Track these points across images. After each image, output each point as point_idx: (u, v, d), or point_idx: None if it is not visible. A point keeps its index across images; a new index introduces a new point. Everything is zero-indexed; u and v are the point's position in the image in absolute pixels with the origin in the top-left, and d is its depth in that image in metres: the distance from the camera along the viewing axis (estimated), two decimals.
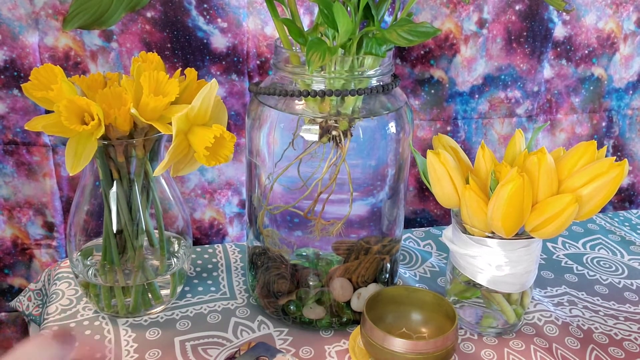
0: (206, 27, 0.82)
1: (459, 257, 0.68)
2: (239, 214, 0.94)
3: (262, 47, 0.84)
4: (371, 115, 0.64)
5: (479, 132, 0.98)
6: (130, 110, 0.59)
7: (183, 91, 0.63)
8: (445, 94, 0.93)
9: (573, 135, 1.02)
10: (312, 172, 0.63)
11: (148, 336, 0.68)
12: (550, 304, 0.76)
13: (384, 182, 0.68)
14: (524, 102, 0.97)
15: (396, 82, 0.65)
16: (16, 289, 0.91)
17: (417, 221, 1.02)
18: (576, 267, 0.85)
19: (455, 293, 0.72)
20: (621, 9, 0.94)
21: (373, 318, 0.62)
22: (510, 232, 0.62)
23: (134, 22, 0.80)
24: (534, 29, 0.92)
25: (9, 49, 0.78)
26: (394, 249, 0.73)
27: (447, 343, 0.60)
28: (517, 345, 0.68)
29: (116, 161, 0.64)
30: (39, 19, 0.78)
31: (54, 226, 0.88)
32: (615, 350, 0.68)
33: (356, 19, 0.59)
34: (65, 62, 0.80)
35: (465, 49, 0.91)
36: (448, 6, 0.88)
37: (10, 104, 0.81)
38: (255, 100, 0.66)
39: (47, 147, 0.84)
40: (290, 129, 0.63)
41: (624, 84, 1.00)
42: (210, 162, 0.59)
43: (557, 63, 0.96)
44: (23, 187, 0.86)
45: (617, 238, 0.94)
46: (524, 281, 0.67)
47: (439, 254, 0.88)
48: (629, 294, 0.79)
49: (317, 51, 0.55)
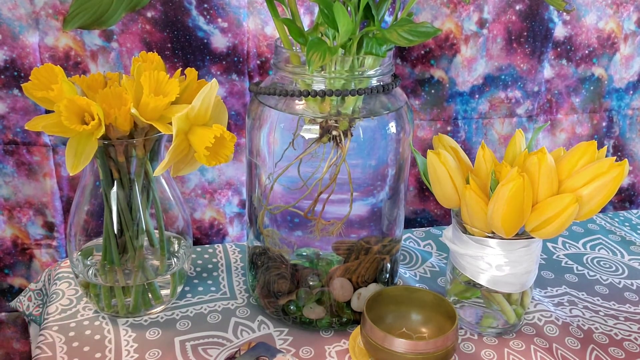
0: (206, 27, 0.82)
1: (459, 257, 0.68)
2: (239, 214, 0.94)
3: (263, 47, 0.85)
4: (371, 115, 0.64)
5: (479, 132, 0.98)
6: (130, 110, 0.59)
7: (183, 91, 0.63)
8: (445, 94, 0.93)
9: (573, 136, 1.02)
10: (313, 172, 0.63)
11: (148, 336, 0.68)
12: (550, 304, 0.76)
13: (384, 182, 0.68)
14: (524, 102, 0.97)
15: (396, 82, 0.65)
16: (16, 289, 0.91)
17: (417, 221, 1.02)
18: (576, 267, 0.85)
19: (455, 293, 0.72)
20: (621, 9, 0.94)
21: (373, 318, 0.62)
22: (510, 232, 0.62)
23: (134, 22, 0.80)
24: (535, 29, 0.92)
25: (9, 48, 0.78)
26: (394, 249, 0.73)
27: (447, 343, 0.60)
28: (517, 345, 0.68)
29: (116, 161, 0.64)
30: (39, 18, 0.78)
31: (54, 226, 0.88)
32: (616, 351, 0.68)
33: (356, 19, 0.59)
34: (65, 62, 0.80)
35: (466, 49, 0.91)
36: (448, 6, 0.88)
37: (11, 104, 0.81)
38: (255, 100, 0.66)
39: (47, 147, 0.84)
40: (290, 128, 0.63)
41: (624, 84, 1.00)
42: (211, 162, 0.59)
43: (557, 63, 0.96)
44: (23, 187, 0.86)
45: (617, 238, 0.94)
46: (524, 281, 0.67)
47: (439, 254, 0.88)
48: (629, 294, 0.79)
49: (317, 51, 0.55)
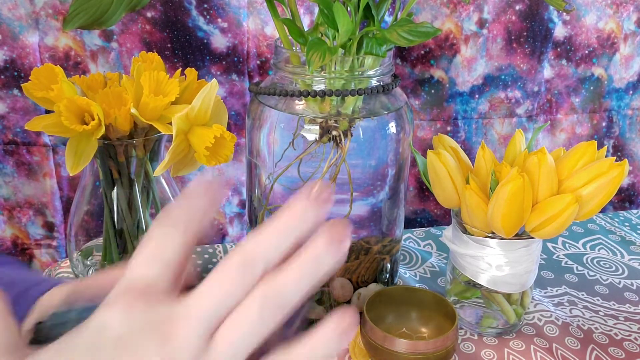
0: (206, 27, 0.82)
1: (459, 257, 0.68)
2: (239, 214, 0.94)
3: (263, 47, 0.84)
4: (371, 115, 0.64)
5: (479, 132, 0.98)
6: (130, 110, 0.59)
7: (183, 91, 0.63)
8: (445, 94, 0.93)
9: (573, 136, 1.02)
10: (312, 172, 0.63)
11: None
12: (550, 304, 0.76)
13: (384, 182, 0.68)
14: (524, 102, 0.97)
15: (396, 82, 0.65)
16: None
17: (417, 221, 1.02)
18: (576, 267, 0.85)
19: (455, 293, 0.72)
20: (621, 9, 0.94)
21: (373, 318, 0.62)
22: (510, 232, 0.62)
23: (134, 22, 0.80)
24: (534, 29, 0.92)
25: (9, 48, 0.78)
26: (394, 249, 0.73)
27: (447, 343, 0.60)
28: (517, 345, 0.68)
29: (116, 161, 0.64)
30: (39, 18, 0.78)
31: (54, 226, 0.88)
32: (616, 351, 0.68)
33: (356, 19, 0.59)
34: (65, 62, 0.80)
35: (466, 49, 0.91)
36: (448, 6, 0.88)
37: (11, 104, 0.81)
38: (255, 100, 0.66)
39: (47, 147, 0.84)
40: (290, 129, 0.63)
41: (624, 84, 1.00)
42: (211, 162, 0.59)
43: (557, 63, 0.96)
44: (23, 187, 0.86)
45: (617, 238, 0.94)
46: (524, 281, 0.67)
47: (439, 254, 0.88)
48: (629, 294, 0.79)
49: (317, 51, 0.55)
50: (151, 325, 0.28)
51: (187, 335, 0.28)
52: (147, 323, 0.28)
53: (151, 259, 0.30)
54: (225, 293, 0.28)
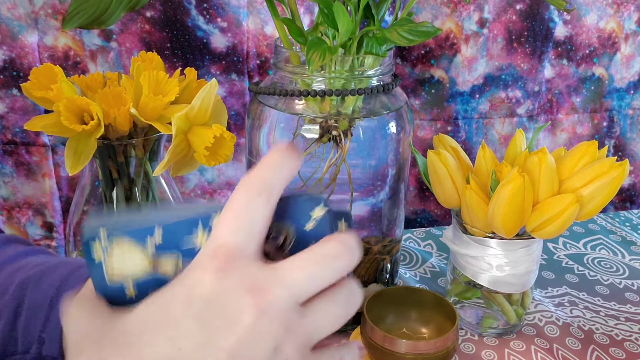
0: (206, 26, 0.81)
1: (460, 258, 0.68)
2: None
3: (262, 47, 0.84)
4: (371, 115, 0.64)
5: (479, 132, 0.97)
6: (129, 110, 0.59)
7: (183, 91, 0.63)
8: (445, 93, 0.93)
9: (574, 135, 1.02)
10: (312, 172, 0.63)
11: None
12: (551, 305, 0.76)
13: (384, 182, 0.67)
14: (524, 102, 0.97)
15: (396, 81, 0.65)
16: None
17: (418, 221, 1.02)
18: (577, 268, 0.85)
19: (455, 293, 0.71)
20: (622, 9, 0.94)
21: (373, 318, 0.62)
22: (510, 232, 0.62)
23: (133, 21, 0.80)
24: (535, 29, 0.92)
25: (8, 48, 0.78)
26: (394, 249, 0.72)
27: (448, 343, 0.60)
28: (518, 345, 0.68)
29: (116, 161, 0.64)
30: (39, 18, 0.77)
31: (53, 226, 0.88)
32: (616, 351, 0.68)
33: (356, 19, 0.58)
34: (64, 62, 0.80)
35: (466, 48, 0.91)
36: (448, 6, 0.88)
37: (10, 104, 0.81)
38: (255, 100, 0.66)
39: (46, 147, 0.84)
40: (290, 128, 0.63)
41: (625, 83, 1.00)
42: (210, 162, 0.59)
43: (557, 63, 0.96)
44: (22, 187, 0.85)
45: (618, 238, 0.94)
46: (525, 281, 0.67)
47: (440, 254, 0.88)
48: (629, 294, 0.79)
49: (317, 51, 0.54)
50: (244, 284, 0.30)
51: (282, 294, 0.30)
52: (240, 282, 0.30)
53: (239, 226, 0.31)
54: (312, 272, 0.31)
